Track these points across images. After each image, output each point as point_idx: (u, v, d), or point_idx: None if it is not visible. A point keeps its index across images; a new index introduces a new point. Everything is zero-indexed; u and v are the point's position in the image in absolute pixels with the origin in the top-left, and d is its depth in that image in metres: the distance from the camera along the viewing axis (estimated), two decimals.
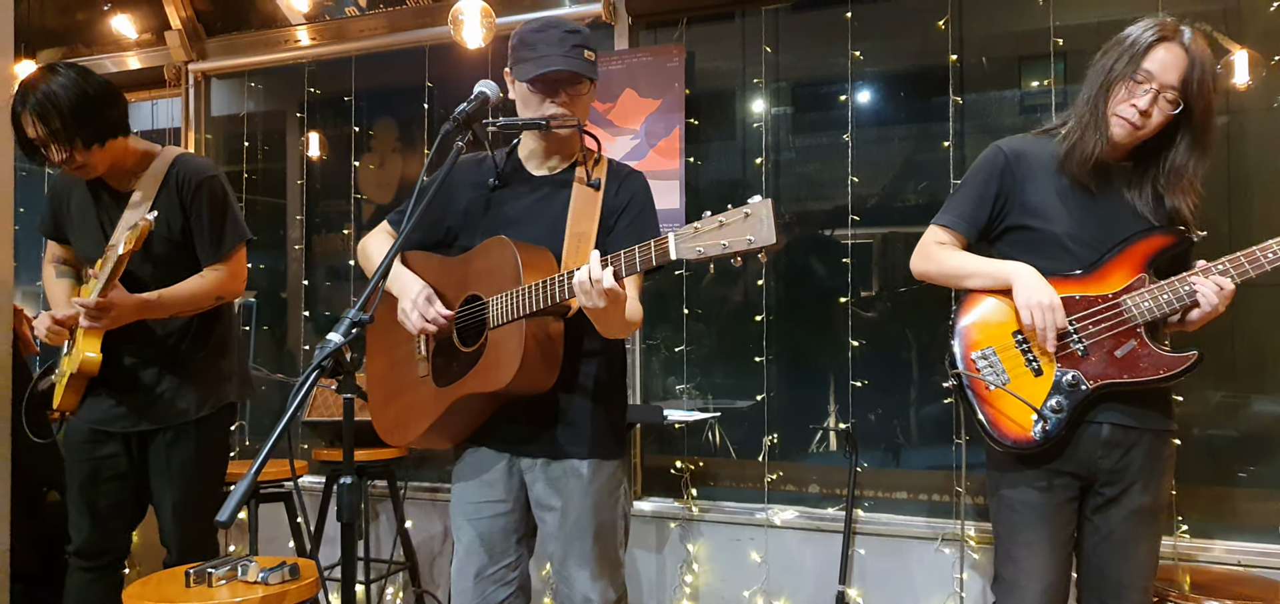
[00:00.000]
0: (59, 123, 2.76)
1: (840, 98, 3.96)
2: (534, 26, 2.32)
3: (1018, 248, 2.44)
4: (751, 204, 1.80)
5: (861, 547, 3.81)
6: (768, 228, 1.78)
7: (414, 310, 2.30)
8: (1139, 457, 2.35)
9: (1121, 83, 2.29)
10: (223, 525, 1.59)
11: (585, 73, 2.29)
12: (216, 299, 3.05)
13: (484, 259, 2.30)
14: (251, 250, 3.17)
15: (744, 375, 4.11)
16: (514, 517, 2.43)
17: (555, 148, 2.42)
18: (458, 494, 2.48)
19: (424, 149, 4.78)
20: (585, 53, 2.29)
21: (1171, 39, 2.26)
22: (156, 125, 5.52)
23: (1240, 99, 3.43)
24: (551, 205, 2.37)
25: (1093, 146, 2.32)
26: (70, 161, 2.83)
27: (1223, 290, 2.27)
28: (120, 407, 2.99)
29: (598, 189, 2.36)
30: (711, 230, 1.84)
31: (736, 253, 1.81)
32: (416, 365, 2.41)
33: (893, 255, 3.96)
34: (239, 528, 4.60)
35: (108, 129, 2.87)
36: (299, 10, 4.98)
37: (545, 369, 2.24)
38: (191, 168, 3.02)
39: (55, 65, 2.85)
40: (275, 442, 1.64)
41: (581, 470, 2.35)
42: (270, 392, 5.08)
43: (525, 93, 2.31)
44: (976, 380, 2.38)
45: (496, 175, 2.44)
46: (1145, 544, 2.40)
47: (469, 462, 2.46)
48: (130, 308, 2.84)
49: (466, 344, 2.31)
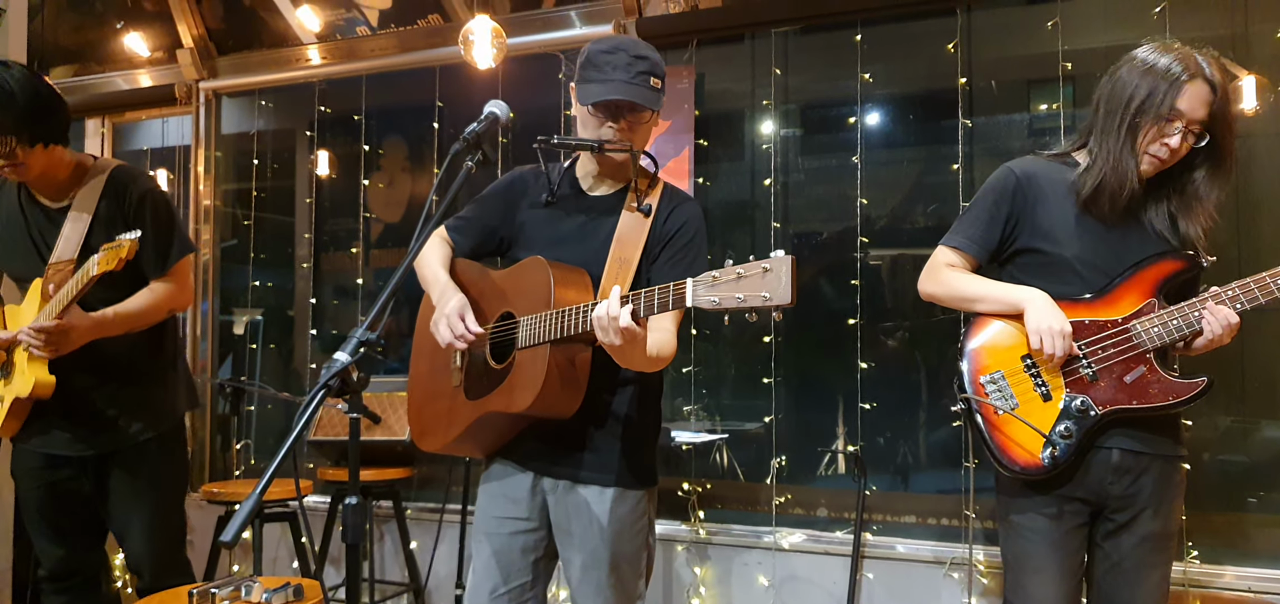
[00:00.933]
0: (8, 116, 2.69)
1: (849, 120, 3.96)
2: (603, 47, 2.28)
3: (1028, 271, 2.43)
4: (772, 260, 1.77)
5: (870, 571, 3.79)
6: (784, 287, 1.74)
7: (444, 324, 2.27)
8: (1149, 483, 2.33)
9: (1152, 124, 2.27)
10: (227, 545, 1.58)
11: (647, 104, 2.26)
12: (168, 312, 2.98)
13: (522, 277, 2.29)
14: (259, 268, 3.15)
15: (752, 397, 4.10)
16: (534, 536, 2.39)
17: (609, 170, 2.40)
18: (480, 508, 2.46)
19: (434, 168, 4.79)
20: (651, 80, 2.26)
21: (1197, 75, 2.24)
22: (167, 143, 5.55)
23: (1248, 124, 3.43)
24: (600, 228, 2.35)
25: (1126, 188, 2.29)
26: (9, 157, 2.74)
27: (1230, 324, 2.25)
28: (71, 431, 2.89)
29: (648, 215, 2.32)
30: (729, 281, 1.81)
31: (752, 308, 1.77)
32: (452, 374, 2.41)
33: (902, 277, 3.95)
34: (243, 548, 4.59)
35: (53, 132, 2.81)
36: (310, 29, 5.00)
37: (566, 396, 2.21)
38: (131, 179, 2.94)
39: (5, 61, 2.78)
40: (280, 461, 1.63)
41: (603, 499, 2.31)
42: (276, 410, 5.08)
43: (585, 114, 2.30)
44: (985, 405, 2.37)
45: (551, 191, 2.43)
46: (1156, 571, 2.37)
47: (495, 476, 2.44)
48: (87, 328, 2.77)
49: (497, 361, 2.30)
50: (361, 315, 4.83)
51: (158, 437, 2.98)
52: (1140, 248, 2.35)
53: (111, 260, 2.63)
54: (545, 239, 2.39)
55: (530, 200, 2.47)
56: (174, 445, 3.07)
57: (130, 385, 2.95)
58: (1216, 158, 2.31)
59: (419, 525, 4.49)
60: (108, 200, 2.89)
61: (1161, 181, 2.37)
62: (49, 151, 2.82)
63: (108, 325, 2.82)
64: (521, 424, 2.32)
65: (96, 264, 2.64)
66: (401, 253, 4.47)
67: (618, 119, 2.26)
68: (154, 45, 5.43)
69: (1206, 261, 2.35)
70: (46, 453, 2.92)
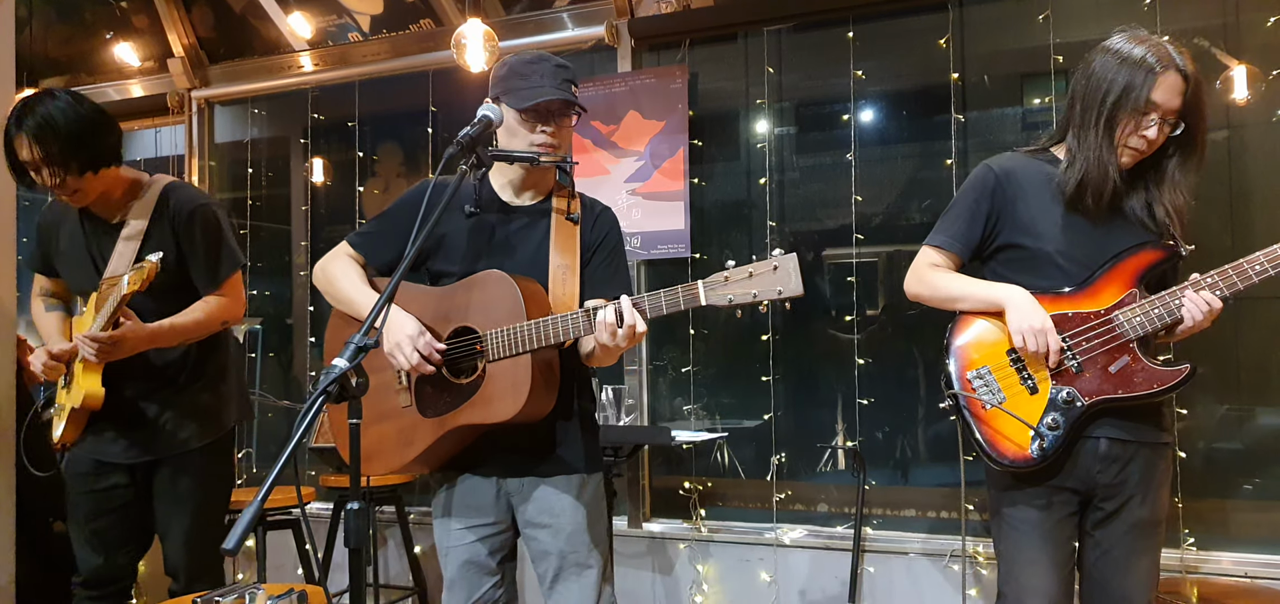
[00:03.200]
0: (56, 147, 2.72)
1: (843, 117, 3.98)
2: (527, 58, 2.38)
3: (1010, 266, 2.45)
4: (778, 257, 2.01)
5: (871, 564, 3.80)
6: (795, 280, 2.00)
7: (411, 347, 2.28)
8: (1136, 470, 2.35)
9: (1129, 117, 2.29)
10: (230, 553, 1.59)
11: (576, 104, 2.37)
12: (222, 324, 3.05)
13: (479, 291, 2.30)
14: (256, 277, 3.18)
15: (751, 395, 4.11)
16: (501, 537, 2.46)
17: (534, 179, 2.46)
18: (443, 530, 2.49)
19: (428, 173, 4.80)
20: (572, 87, 2.37)
21: (1170, 66, 2.26)
22: (160, 153, 5.55)
23: (1240, 114, 3.44)
24: (531, 236, 2.41)
25: (1109, 181, 2.31)
26: (62, 186, 2.79)
27: (1211, 308, 2.27)
28: (123, 439, 2.97)
29: (576, 223, 2.42)
30: (741, 279, 2.03)
31: (766, 301, 2.03)
32: (395, 395, 2.40)
33: (897, 274, 3.96)
34: (247, 555, 4.60)
35: (102, 157, 2.83)
36: (302, 36, 5.01)
37: (547, 400, 2.29)
38: (183, 197, 2.98)
39: (53, 90, 2.81)
40: (282, 468, 1.64)
41: (577, 484, 2.39)
42: (276, 418, 5.09)
43: (514, 122, 2.34)
44: (973, 400, 2.38)
45: (475, 203, 2.45)
46: (1146, 557, 2.39)
47: (458, 490, 2.47)
48: (143, 338, 2.82)
49: (456, 376, 2.32)
50: None
51: (203, 449, 3.03)
52: (1120, 239, 2.37)
53: (137, 281, 2.68)
54: (471, 250, 2.41)
55: (447, 212, 2.42)
56: (220, 457, 3.12)
57: (180, 395, 3.01)
58: (1190, 145, 2.34)
59: (422, 529, 4.50)
60: (159, 217, 2.94)
61: (1137, 171, 2.39)
62: (103, 176, 2.85)
63: (162, 336, 2.87)
64: (482, 432, 2.35)
65: (127, 282, 2.69)
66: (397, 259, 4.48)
67: (547, 122, 2.33)
68: (145, 55, 5.43)
69: (1185, 251, 2.37)
70: (97, 459, 2.98)
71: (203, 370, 3.06)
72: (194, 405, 3.03)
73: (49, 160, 2.74)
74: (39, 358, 2.94)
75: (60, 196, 2.86)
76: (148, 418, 2.97)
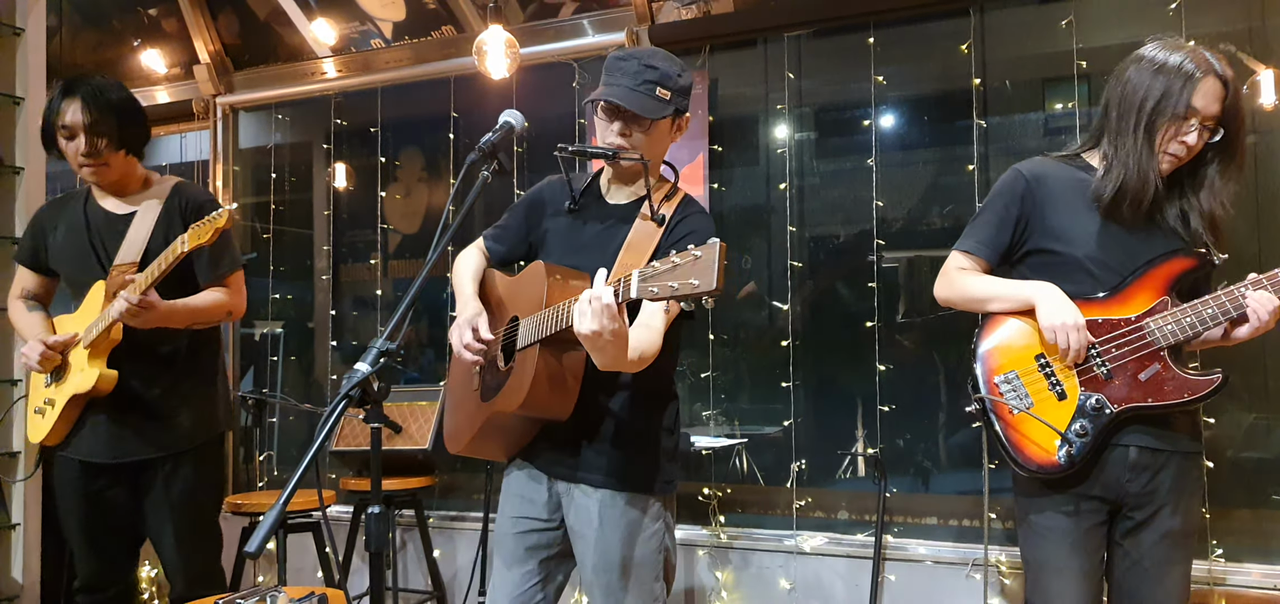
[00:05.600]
0: (102, 115, 2.91)
1: (864, 122, 3.96)
2: (620, 54, 2.35)
3: (1039, 271, 2.43)
4: (703, 247, 1.70)
5: (891, 573, 3.78)
6: (712, 274, 1.67)
7: (457, 333, 2.33)
8: (1167, 479, 2.33)
9: (1170, 123, 2.27)
10: (252, 556, 1.59)
11: (640, 110, 2.26)
12: (227, 314, 3.09)
13: (524, 282, 2.35)
14: (278, 280, 3.21)
15: (771, 401, 4.10)
16: (547, 535, 2.41)
17: (623, 177, 2.45)
18: (500, 512, 2.50)
19: (450, 178, 4.82)
20: (658, 91, 2.28)
21: (1209, 71, 2.25)
22: (185, 158, 5.59)
23: (1267, 119, 3.41)
24: (615, 235, 2.38)
25: (1150, 189, 2.29)
26: (93, 155, 2.93)
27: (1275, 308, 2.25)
28: (115, 436, 2.97)
29: (661, 224, 2.34)
30: (666, 271, 1.75)
31: (685, 296, 1.71)
32: (473, 378, 2.46)
33: (919, 279, 3.95)
34: (267, 558, 4.62)
35: (135, 139, 3.04)
36: (325, 43, 5.04)
37: (556, 397, 2.22)
38: (193, 195, 3.12)
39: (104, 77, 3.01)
40: (303, 471, 1.65)
41: (611, 501, 2.31)
42: (298, 421, 5.11)
43: (596, 118, 2.37)
44: (1000, 404, 2.36)
45: (573, 199, 2.48)
46: (1177, 568, 2.36)
47: (513, 477, 2.49)
48: (161, 312, 2.85)
49: (506, 363, 2.34)
50: (381, 326, 4.86)
51: (195, 448, 3.05)
52: (1152, 246, 2.35)
53: (206, 232, 2.74)
54: (564, 247, 2.44)
55: (553, 208, 2.53)
56: (212, 457, 3.15)
57: (172, 393, 3.03)
58: (1229, 150, 2.32)
59: (441, 533, 4.52)
60: (169, 209, 3.05)
61: (1173, 178, 2.37)
62: (128, 160, 3.05)
63: (176, 314, 2.92)
64: (531, 425, 2.35)
65: (185, 241, 2.77)
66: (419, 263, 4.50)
67: (615, 119, 2.32)
68: (171, 62, 5.47)
69: (1218, 259, 2.35)
70: (84, 462, 2.99)
71: (195, 369, 3.09)
72: (187, 402, 3.05)
73: (91, 128, 2.91)
74: (34, 349, 2.96)
75: (86, 167, 2.97)
76: (142, 413, 2.99)
